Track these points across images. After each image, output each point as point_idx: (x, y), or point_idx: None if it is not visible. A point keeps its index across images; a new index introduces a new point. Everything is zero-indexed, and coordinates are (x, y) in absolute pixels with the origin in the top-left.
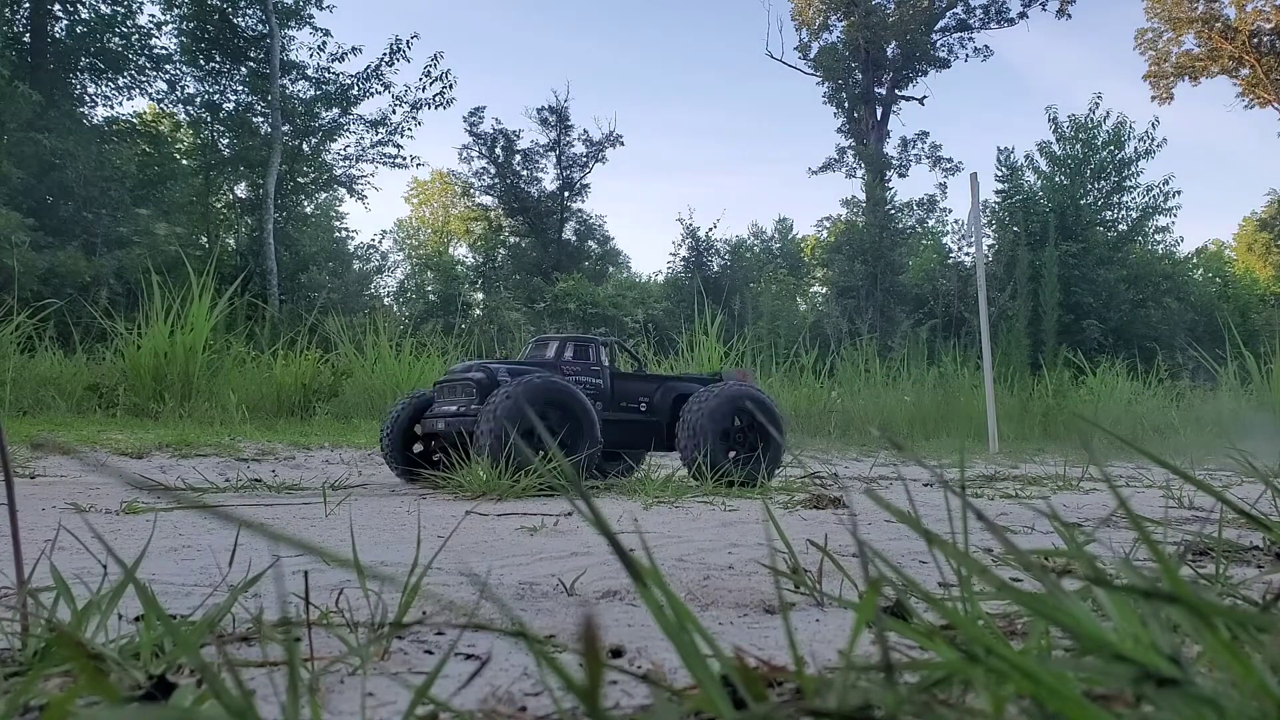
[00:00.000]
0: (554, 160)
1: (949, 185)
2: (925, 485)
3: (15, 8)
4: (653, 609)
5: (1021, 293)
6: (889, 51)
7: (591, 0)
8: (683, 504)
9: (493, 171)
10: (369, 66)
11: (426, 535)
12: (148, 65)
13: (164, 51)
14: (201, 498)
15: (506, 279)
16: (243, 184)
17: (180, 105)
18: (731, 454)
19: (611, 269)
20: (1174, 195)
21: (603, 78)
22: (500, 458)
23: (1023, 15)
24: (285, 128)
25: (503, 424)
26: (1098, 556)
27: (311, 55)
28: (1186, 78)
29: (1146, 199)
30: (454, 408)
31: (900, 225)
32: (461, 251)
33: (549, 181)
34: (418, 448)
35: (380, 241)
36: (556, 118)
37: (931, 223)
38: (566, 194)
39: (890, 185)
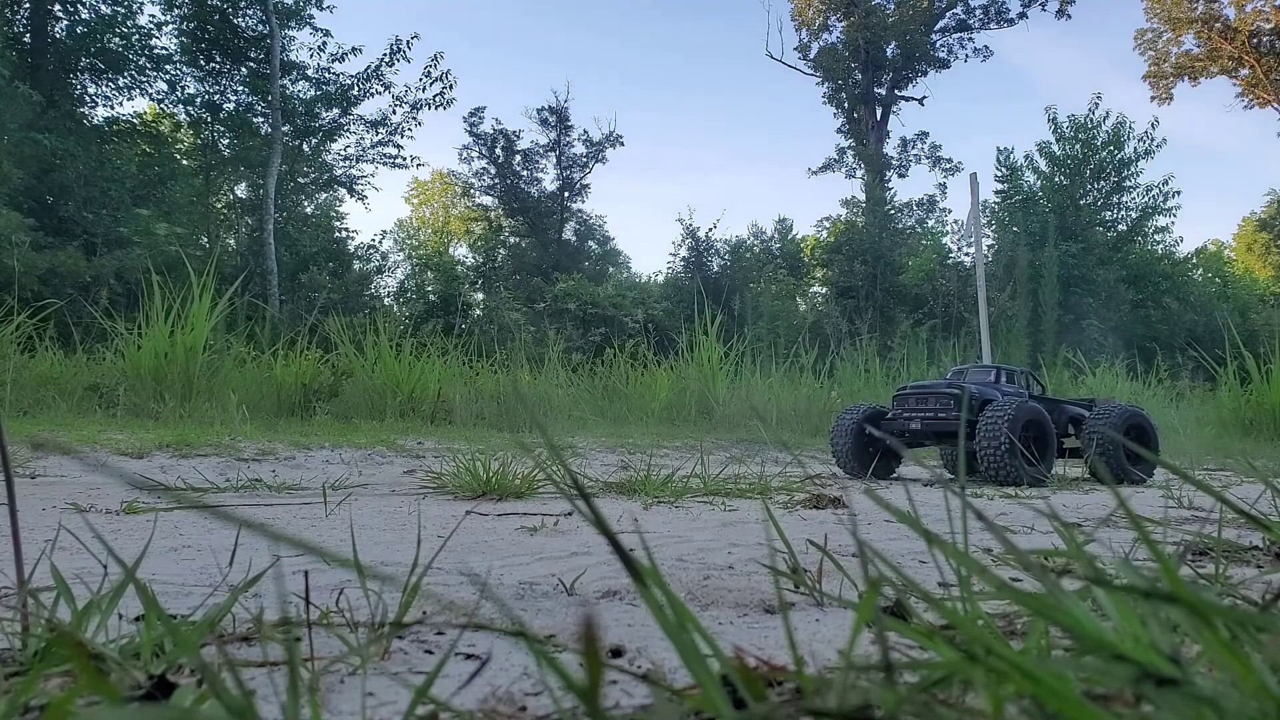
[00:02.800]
0: (554, 160)
1: (949, 185)
2: (925, 485)
3: (15, 8)
4: (653, 609)
5: (1021, 293)
6: (889, 52)
7: (592, 1)
8: (683, 504)
9: (493, 172)
10: (369, 67)
11: (427, 535)
12: (148, 65)
13: (164, 52)
14: (201, 498)
15: (506, 279)
16: (243, 184)
17: (180, 105)
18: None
19: (611, 269)
20: (1173, 195)
21: (603, 78)
22: (1001, 453)
23: (1022, 15)
24: (285, 128)
25: (1005, 431)
26: (1097, 556)
27: (311, 55)
28: (1186, 78)
29: (1146, 199)
30: (929, 413)
31: (900, 225)
32: (461, 252)
33: (549, 182)
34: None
35: (380, 242)
36: (556, 118)
37: (931, 223)
38: (566, 194)
39: (890, 185)
